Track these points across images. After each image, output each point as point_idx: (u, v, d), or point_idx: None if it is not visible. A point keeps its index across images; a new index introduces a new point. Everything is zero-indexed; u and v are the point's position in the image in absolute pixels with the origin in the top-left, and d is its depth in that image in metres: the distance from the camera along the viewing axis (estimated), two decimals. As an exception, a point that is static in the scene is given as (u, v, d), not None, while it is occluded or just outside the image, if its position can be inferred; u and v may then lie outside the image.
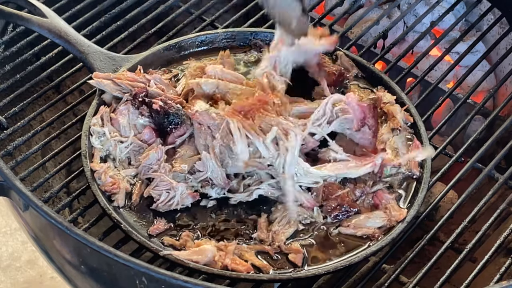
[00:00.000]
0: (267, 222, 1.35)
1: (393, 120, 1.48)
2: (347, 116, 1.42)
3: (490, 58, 2.08)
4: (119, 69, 1.56)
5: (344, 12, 1.97)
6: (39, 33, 1.59)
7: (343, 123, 1.43)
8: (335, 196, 1.37)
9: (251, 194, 1.38)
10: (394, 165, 1.42)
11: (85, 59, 1.56)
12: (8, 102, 1.58)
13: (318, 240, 1.34)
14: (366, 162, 1.40)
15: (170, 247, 1.31)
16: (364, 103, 1.44)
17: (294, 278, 1.28)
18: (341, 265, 1.30)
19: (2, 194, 1.33)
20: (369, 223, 1.35)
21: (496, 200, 1.62)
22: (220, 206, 1.39)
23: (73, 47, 1.57)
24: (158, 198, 1.37)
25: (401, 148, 1.45)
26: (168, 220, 1.36)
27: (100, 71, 1.53)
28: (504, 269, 1.35)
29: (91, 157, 1.41)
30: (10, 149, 1.49)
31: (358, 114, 1.42)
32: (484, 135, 1.68)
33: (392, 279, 1.36)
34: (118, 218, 1.34)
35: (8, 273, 2.16)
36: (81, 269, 1.29)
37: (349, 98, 1.42)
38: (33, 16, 1.57)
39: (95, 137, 1.43)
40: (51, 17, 1.58)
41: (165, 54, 1.63)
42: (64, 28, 1.57)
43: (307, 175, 1.38)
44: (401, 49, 1.91)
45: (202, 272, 1.28)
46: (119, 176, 1.39)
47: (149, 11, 1.83)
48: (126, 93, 1.48)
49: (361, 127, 1.42)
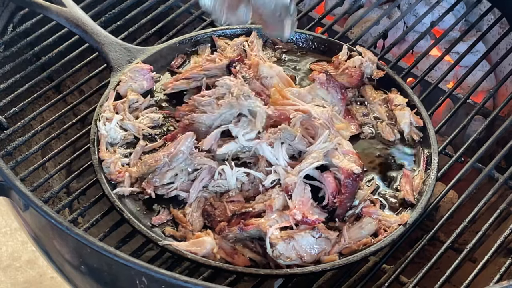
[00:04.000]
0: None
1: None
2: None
3: (490, 58, 2.08)
4: (134, 60, 1.59)
5: (344, 12, 1.97)
6: (57, 21, 1.62)
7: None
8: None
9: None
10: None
11: (101, 49, 1.59)
12: (8, 102, 1.58)
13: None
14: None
15: (171, 238, 1.32)
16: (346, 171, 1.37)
17: (290, 274, 1.28)
18: (339, 263, 1.30)
19: (2, 194, 1.33)
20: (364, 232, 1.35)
21: (496, 200, 1.62)
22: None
23: (90, 37, 1.60)
24: (156, 181, 1.39)
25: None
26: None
27: (115, 62, 1.58)
28: (504, 269, 1.35)
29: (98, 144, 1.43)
30: (10, 149, 1.49)
31: (330, 188, 1.37)
32: (484, 135, 1.68)
33: (392, 279, 1.36)
34: (121, 206, 1.35)
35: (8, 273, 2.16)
36: (81, 269, 1.29)
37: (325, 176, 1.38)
38: (52, 4, 1.60)
39: (102, 122, 1.45)
40: (70, 7, 1.61)
41: (180, 47, 1.66)
42: (82, 18, 1.60)
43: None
44: (401, 49, 1.91)
45: (199, 264, 1.28)
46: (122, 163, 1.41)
47: (149, 11, 1.83)
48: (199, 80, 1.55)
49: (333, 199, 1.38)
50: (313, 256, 1.30)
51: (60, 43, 1.72)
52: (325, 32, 1.84)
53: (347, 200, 1.36)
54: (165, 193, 1.39)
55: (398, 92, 1.59)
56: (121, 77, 1.55)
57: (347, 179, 1.35)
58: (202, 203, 1.37)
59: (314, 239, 1.30)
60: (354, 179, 1.36)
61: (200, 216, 1.35)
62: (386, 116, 1.55)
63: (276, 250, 1.28)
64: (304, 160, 1.38)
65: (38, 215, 1.25)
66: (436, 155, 1.47)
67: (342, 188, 1.35)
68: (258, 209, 1.34)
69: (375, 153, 1.50)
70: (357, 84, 1.59)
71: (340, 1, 1.94)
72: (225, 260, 1.29)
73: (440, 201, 1.49)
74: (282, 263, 1.29)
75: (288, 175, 1.36)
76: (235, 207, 1.35)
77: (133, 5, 1.83)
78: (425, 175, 1.45)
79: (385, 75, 1.61)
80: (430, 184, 1.42)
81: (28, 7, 1.66)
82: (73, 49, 1.71)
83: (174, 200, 1.39)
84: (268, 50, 1.68)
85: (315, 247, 1.30)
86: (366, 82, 1.61)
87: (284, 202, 1.34)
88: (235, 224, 1.32)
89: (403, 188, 1.42)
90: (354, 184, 1.36)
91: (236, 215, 1.34)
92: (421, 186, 1.43)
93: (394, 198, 1.42)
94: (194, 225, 1.34)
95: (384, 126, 1.54)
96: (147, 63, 1.58)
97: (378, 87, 1.61)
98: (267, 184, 1.37)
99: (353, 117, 1.54)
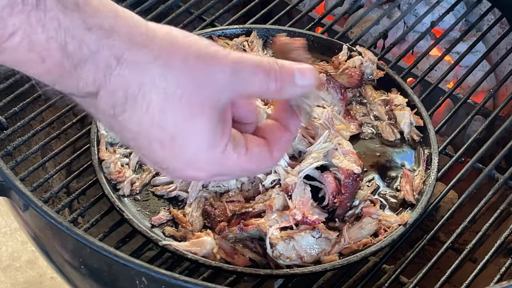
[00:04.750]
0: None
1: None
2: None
3: (490, 58, 2.08)
4: None
5: (344, 12, 1.96)
6: None
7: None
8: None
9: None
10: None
11: None
12: (8, 102, 1.58)
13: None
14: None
15: (171, 238, 1.32)
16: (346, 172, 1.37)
17: (290, 274, 1.28)
18: (339, 263, 1.30)
19: (2, 194, 1.33)
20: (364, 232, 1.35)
21: (496, 200, 1.62)
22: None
23: None
24: (158, 180, 1.39)
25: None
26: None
27: None
28: (504, 269, 1.35)
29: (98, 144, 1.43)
30: (10, 149, 1.49)
31: (330, 189, 1.37)
32: (484, 135, 1.68)
33: (392, 279, 1.36)
34: (121, 206, 1.35)
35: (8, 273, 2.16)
36: (81, 269, 1.29)
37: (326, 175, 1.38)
38: None
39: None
40: None
41: None
42: None
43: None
44: (401, 49, 1.91)
45: (199, 264, 1.28)
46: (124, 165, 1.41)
47: (149, 11, 1.83)
48: None
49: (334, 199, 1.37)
50: (313, 256, 1.30)
51: (60, 43, 1.71)
52: (325, 32, 1.84)
53: (347, 200, 1.36)
54: (165, 193, 1.39)
55: (398, 92, 1.59)
56: None
57: (347, 179, 1.35)
58: (202, 203, 1.37)
59: (314, 239, 1.30)
60: (354, 179, 1.36)
61: (200, 216, 1.35)
62: (386, 116, 1.55)
63: (276, 250, 1.28)
64: (304, 161, 1.38)
65: (38, 215, 1.25)
66: (436, 155, 1.47)
67: (342, 188, 1.35)
68: (258, 209, 1.34)
69: (375, 153, 1.50)
70: (357, 84, 1.58)
71: (340, 1, 1.94)
72: (225, 260, 1.29)
73: (440, 201, 1.49)
74: (282, 263, 1.29)
75: (288, 176, 1.36)
76: (235, 207, 1.35)
77: (133, 5, 1.83)
78: (425, 175, 1.45)
79: (385, 75, 1.61)
80: (430, 184, 1.42)
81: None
82: (73, 49, 1.71)
83: (174, 200, 1.39)
84: (268, 50, 1.67)
85: (315, 247, 1.30)
86: (366, 82, 1.61)
87: (284, 202, 1.34)
88: (235, 224, 1.32)
89: (403, 188, 1.42)
90: (354, 184, 1.36)
91: (236, 215, 1.34)
92: (421, 186, 1.43)
93: (394, 198, 1.42)
94: (194, 225, 1.33)
95: (384, 126, 1.54)
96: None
97: (378, 87, 1.61)
98: (267, 184, 1.37)
99: (353, 117, 1.54)
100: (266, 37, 1.69)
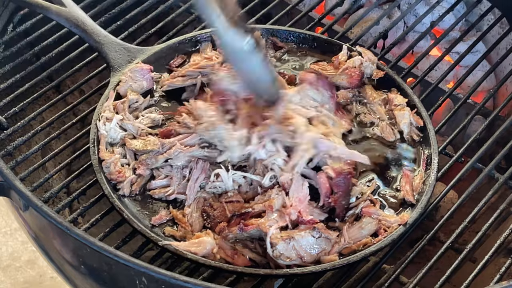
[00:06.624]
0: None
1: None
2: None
3: (490, 58, 2.08)
4: (134, 60, 1.59)
5: (344, 12, 1.97)
6: (57, 21, 1.61)
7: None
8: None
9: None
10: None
11: (101, 49, 1.59)
12: (8, 102, 1.58)
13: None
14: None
15: (171, 238, 1.32)
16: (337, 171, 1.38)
17: (290, 274, 1.28)
18: (339, 263, 1.30)
19: (2, 194, 1.33)
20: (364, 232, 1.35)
21: (496, 200, 1.62)
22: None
23: (90, 37, 1.60)
24: (154, 183, 1.40)
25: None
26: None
27: (115, 62, 1.58)
28: (504, 269, 1.35)
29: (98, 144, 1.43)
30: (10, 149, 1.49)
31: (324, 189, 1.38)
32: (484, 135, 1.68)
33: (392, 279, 1.36)
34: (121, 206, 1.35)
35: (8, 273, 2.16)
36: (81, 269, 1.29)
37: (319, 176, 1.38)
38: (52, 4, 1.60)
39: (102, 122, 1.46)
40: (69, 7, 1.61)
41: (180, 47, 1.66)
42: (82, 18, 1.60)
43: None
44: (401, 49, 1.91)
45: (199, 264, 1.28)
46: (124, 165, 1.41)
47: (149, 11, 1.83)
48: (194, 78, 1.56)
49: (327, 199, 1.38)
50: (313, 256, 1.30)
51: (60, 43, 1.72)
52: (325, 32, 1.84)
53: (341, 198, 1.36)
54: (163, 196, 1.39)
55: (398, 92, 1.59)
56: (121, 77, 1.55)
57: (338, 177, 1.36)
58: (201, 204, 1.37)
59: (314, 239, 1.30)
60: (345, 176, 1.36)
61: (199, 217, 1.35)
62: (386, 116, 1.55)
63: (276, 250, 1.28)
64: (294, 154, 1.39)
65: (38, 215, 1.25)
66: (436, 155, 1.47)
67: (334, 188, 1.36)
68: (258, 210, 1.34)
69: (375, 153, 1.50)
70: (357, 84, 1.59)
71: (340, 1, 1.94)
72: (225, 260, 1.29)
73: (440, 201, 1.49)
74: (282, 263, 1.29)
75: (282, 173, 1.36)
76: (234, 208, 1.35)
77: (133, 5, 1.83)
78: (425, 175, 1.45)
79: (385, 75, 1.61)
80: (430, 184, 1.42)
81: (28, 7, 1.66)
82: (73, 49, 1.71)
83: (173, 201, 1.39)
84: (268, 50, 1.67)
85: (315, 247, 1.30)
86: (366, 82, 1.61)
87: (283, 201, 1.34)
88: (235, 224, 1.32)
89: (403, 188, 1.42)
90: (346, 182, 1.36)
91: (236, 215, 1.34)
92: (421, 186, 1.43)
93: (394, 198, 1.42)
94: (193, 226, 1.33)
95: (384, 126, 1.54)
96: (147, 63, 1.58)
97: (378, 87, 1.61)
98: (266, 183, 1.37)
99: (344, 112, 1.54)
100: (266, 37, 1.69)
